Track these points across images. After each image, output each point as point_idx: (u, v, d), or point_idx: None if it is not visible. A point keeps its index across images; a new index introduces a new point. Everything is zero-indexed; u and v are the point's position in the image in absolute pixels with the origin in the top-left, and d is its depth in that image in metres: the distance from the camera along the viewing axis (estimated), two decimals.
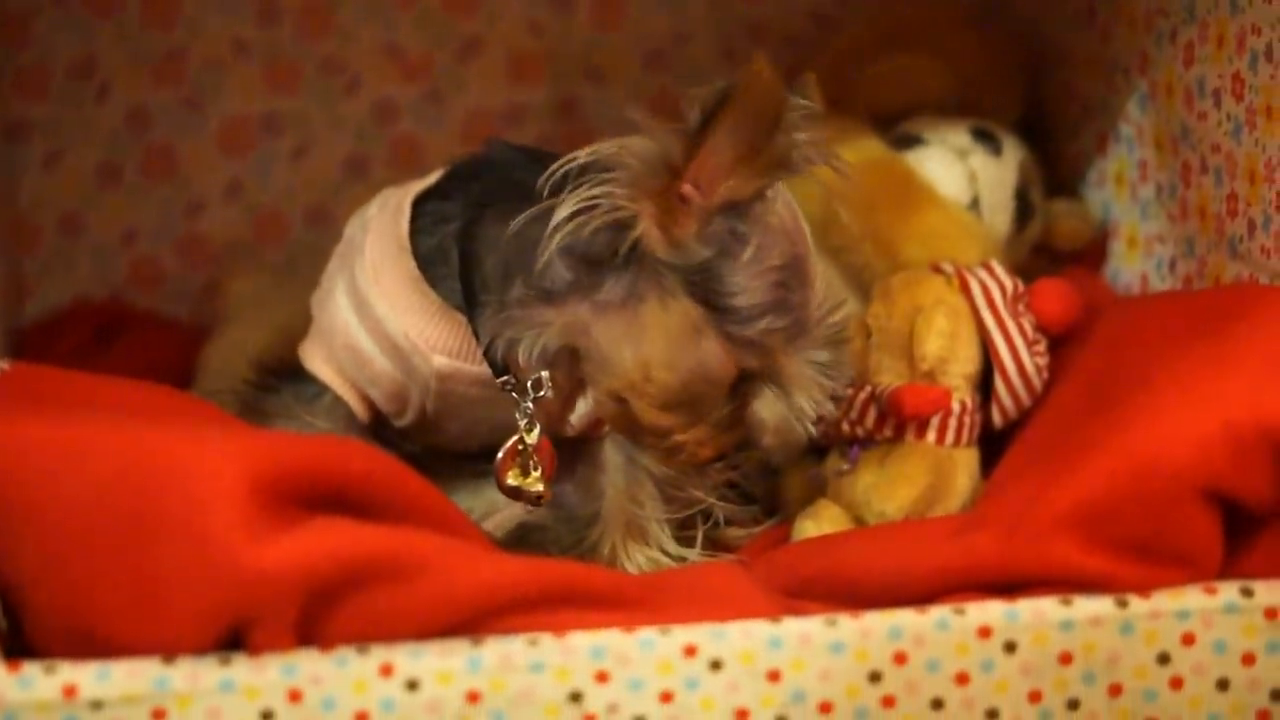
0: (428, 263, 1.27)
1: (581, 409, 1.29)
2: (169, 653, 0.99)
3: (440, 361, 1.27)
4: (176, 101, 1.76)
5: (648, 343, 1.19)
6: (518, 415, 1.26)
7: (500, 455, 1.27)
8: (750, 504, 1.36)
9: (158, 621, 0.98)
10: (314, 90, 1.78)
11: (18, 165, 1.74)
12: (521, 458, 1.27)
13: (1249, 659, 1.07)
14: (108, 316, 1.74)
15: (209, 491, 0.99)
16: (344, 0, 1.77)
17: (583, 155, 1.18)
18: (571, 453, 1.32)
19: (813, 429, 1.24)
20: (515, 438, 1.27)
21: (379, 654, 1.00)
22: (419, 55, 1.79)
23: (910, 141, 1.55)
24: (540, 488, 1.27)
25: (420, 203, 1.29)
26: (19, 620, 1.03)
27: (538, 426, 1.27)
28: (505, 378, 1.25)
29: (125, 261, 1.78)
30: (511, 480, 1.27)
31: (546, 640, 1.02)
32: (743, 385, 1.23)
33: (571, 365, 1.24)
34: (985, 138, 1.56)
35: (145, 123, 1.76)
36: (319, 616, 1.00)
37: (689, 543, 1.31)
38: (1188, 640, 1.06)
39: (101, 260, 1.77)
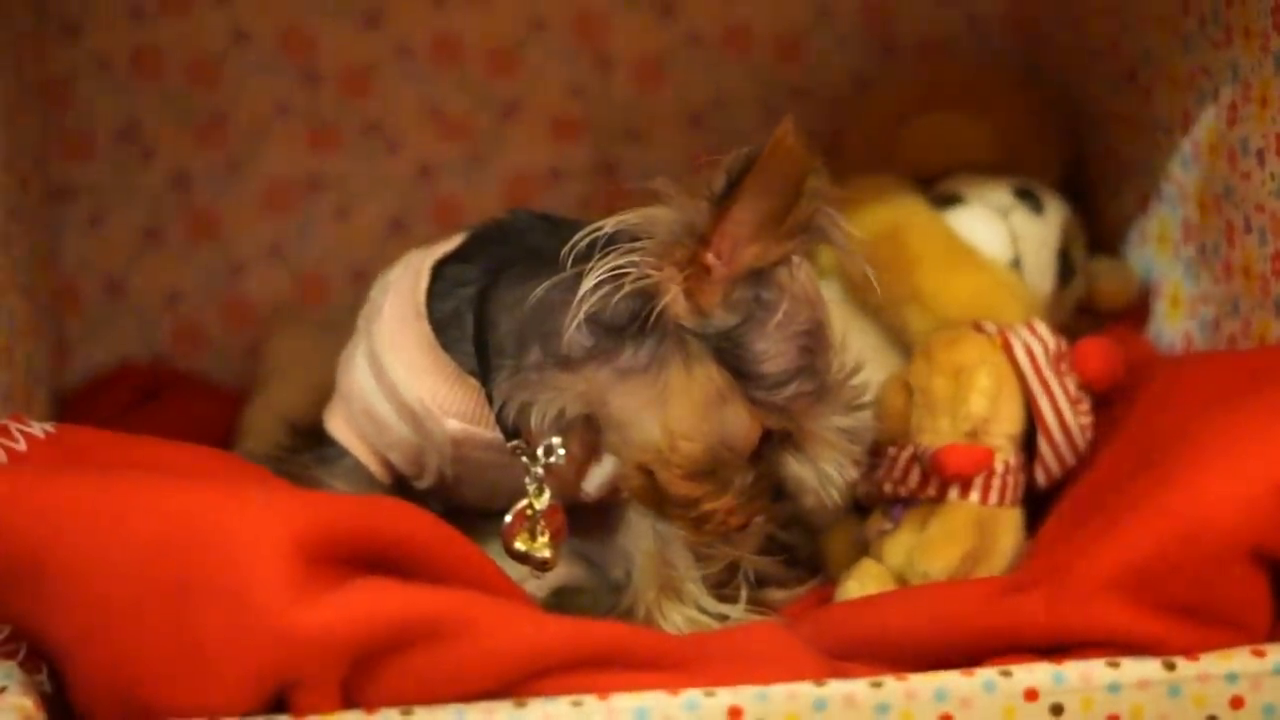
0: (443, 326, 1.27)
1: (597, 476, 1.28)
2: (213, 715, 0.99)
3: (453, 426, 1.27)
4: (219, 163, 1.77)
5: (672, 410, 1.19)
6: (527, 480, 1.26)
7: (508, 519, 1.27)
8: (788, 555, 1.35)
9: (202, 684, 0.98)
10: (356, 151, 1.79)
11: (62, 227, 1.75)
12: (529, 522, 1.27)
13: None
14: (151, 378, 1.74)
15: (252, 553, 1.00)
16: (385, 62, 1.78)
17: (609, 225, 1.18)
18: (603, 514, 1.32)
19: (836, 495, 1.23)
20: (524, 502, 1.26)
21: (423, 716, 1.00)
22: (460, 117, 1.80)
23: (951, 201, 1.55)
24: (547, 553, 1.27)
25: (441, 266, 1.29)
26: (64, 683, 1.03)
27: (547, 491, 1.26)
28: (516, 442, 1.25)
29: (168, 323, 1.78)
30: (519, 545, 1.27)
31: (590, 702, 1.02)
32: (765, 451, 1.22)
33: (586, 433, 1.24)
34: (1027, 197, 1.56)
35: (188, 185, 1.77)
36: (363, 678, 1.00)
37: (731, 600, 1.31)
38: (1236, 703, 1.05)
39: (145, 322, 1.78)
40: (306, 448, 1.33)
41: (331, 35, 1.77)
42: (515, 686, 1.02)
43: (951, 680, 1.04)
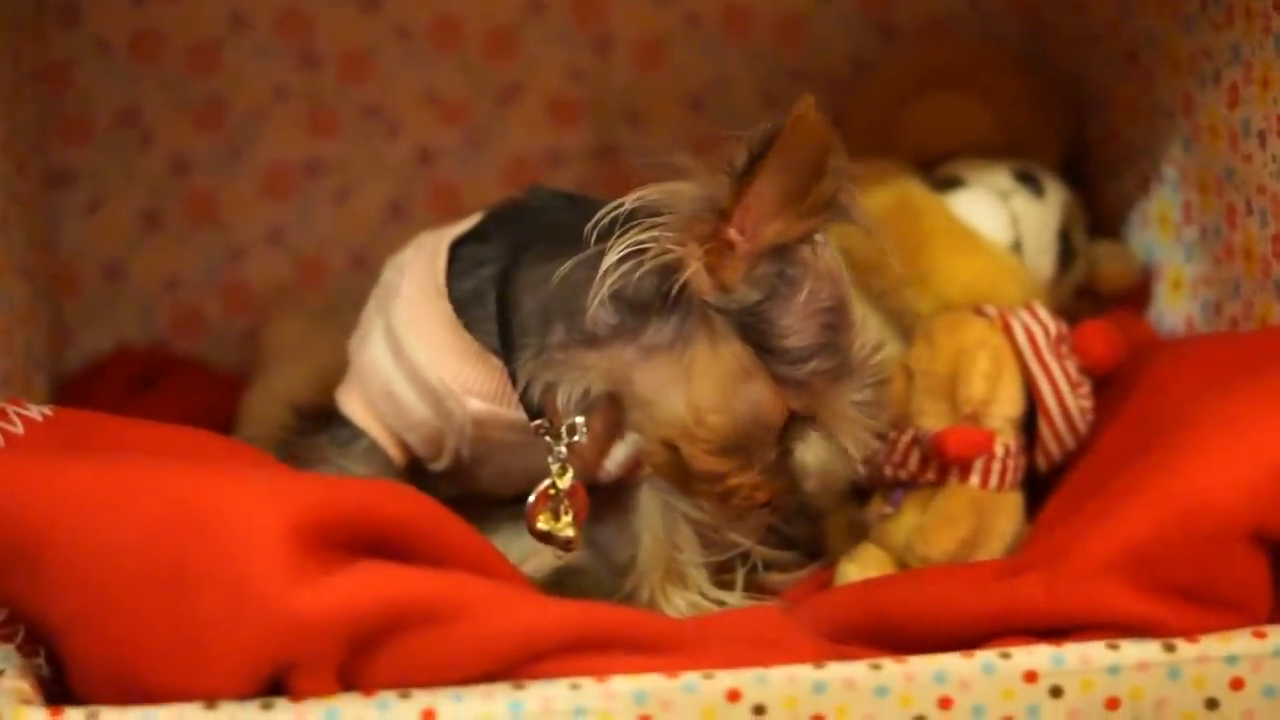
0: (464, 306, 1.27)
1: (618, 455, 1.28)
2: (211, 698, 0.98)
3: (475, 405, 1.26)
4: (218, 148, 1.77)
5: (698, 386, 1.19)
6: (550, 459, 1.26)
7: (532, 499, 1.26)
8: (789, 547, 1.35)
9: (199, 667, 0.98)
10: (355, 135, 1.79)
11: (60, 212, 1.74)
12: (553, 502, 1.26)
13: None
14: (150, 363, 1.74)
15: (250, 536, 0.99)
16: (384, 46, 1.78)
17: (629, 201, 1.18)
18: (608, 497, 1.32)
19: (860, 470, 1.24)
20: (547, 482, 1.26)
21: (421, 698, 1.00)
22: (459, 100, 1.80)
23: (951, 184, 1.55)
24: (571, 533, 1.27)
25: (457, 246, 1.29)
26: (61, 666, 1.03)
27: (570, 471, 1.26)
28: (540, 421, 1.25)
29: (167, 308, 1.78)
30: (542, 524, 1.26)
31: (589, 684, 1.01)
32: (788, 428, 1.22)
33: (610, 411, 1.24)
34: (1027, 180, 1.56)
35: (187, 169, 1.77)
36: (361, 660, 1.00)
37: (728, 586, 1.31)
38: (1236, 685, 1.05)
39: (143, 307, 1.78)
40: (315, 430, 1.32)
41: (330, 18, 1.77)
42: (513, 669, 1.02)
43: (951, 662, 1.04)
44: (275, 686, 0.99)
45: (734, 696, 1.02)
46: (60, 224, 1.75)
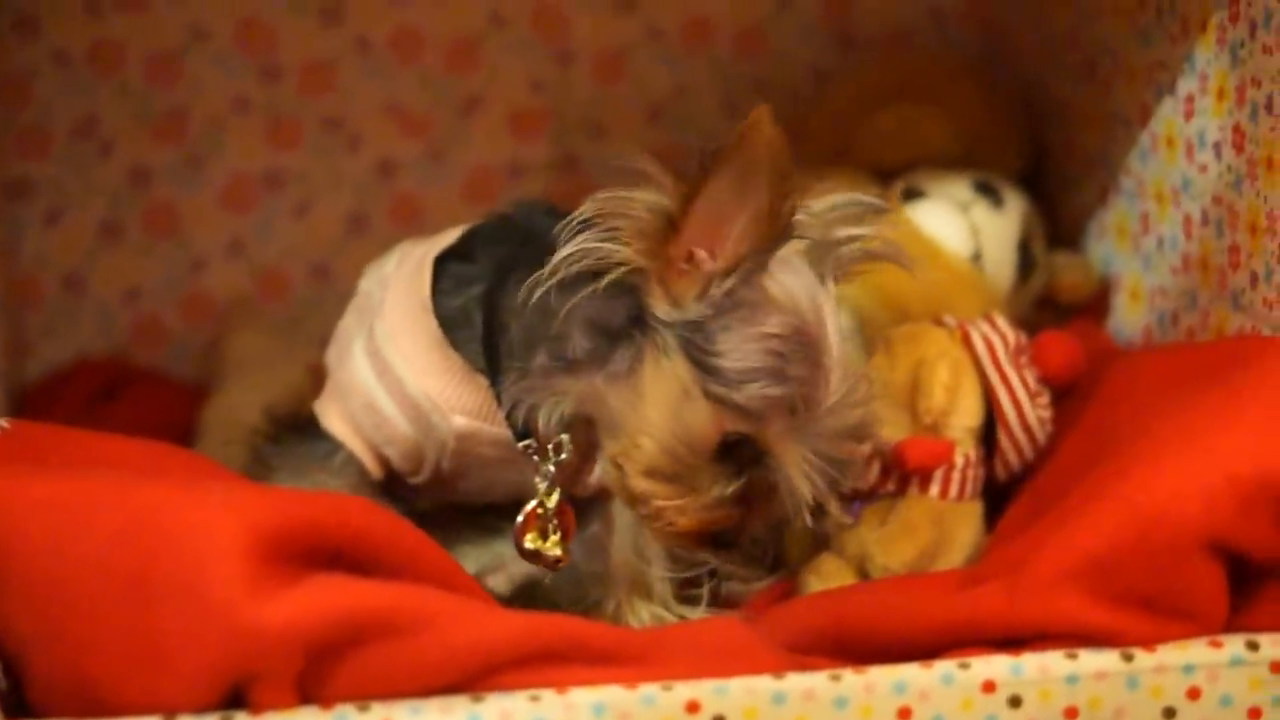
0: (450, 324, 1.26)
1: (598, 471, 1.28)
2: (170, 711, 0.98)
3: (460, 421, 1.26)
4: (178, 160, 1.76)
5: (642, 407, 1.19)
6: (538, 479, 1.26)
7: (520, 519, 1.26)
8: (755, 564, 1.35)
9: (158, 680, 0.98)
10: (315, 148, 1.78)
11: (20, 223, 1.74)
12: (541, 521, 1.26)
13: (1255, 713, 1.07)
14: (110, 375, 1.73)
15: (209, 549, 0.99)
16: (345, 58, 1.77)
17: (587, 208, 1.17)
18: (581, 509, 1.31)
19: (808, 519, 1.22)
20: (535, 502, 1.26)
21: (380, 711, 1.00)
22: (420, 113, 1.79)
23: (912, 195, 1.55)
24: (559, 552, 1.27)
25: (441, 262, 1.29)
26: (20, 679, 1.02)
27: (557, 491, 1.26)
28: (527, 442, 1.25)
29: (127, 319, 1.78)
30: (530, 544, 1.26)
31: (548, 696, 1.02)
32: (748, 466, 1.21)
33: (588, 430, 1.24)
34: (987, 191, 1.56)
35: (147, 181, 1.76)
36: (320, 673, 1.00)
37: (694, 601, 1.31)
38: (1193, 694, 1.06)
39: (103, 318, 1.77)
40: (291, 440, 1.31)
41: (290, 30, 1.76)
42: (473, 681, 1.02)
43: (910, 673, 1.05)
44: (235, 699, 0.99)
45: (693, 708, 1.02)
46: (19, 235, 1.74)
